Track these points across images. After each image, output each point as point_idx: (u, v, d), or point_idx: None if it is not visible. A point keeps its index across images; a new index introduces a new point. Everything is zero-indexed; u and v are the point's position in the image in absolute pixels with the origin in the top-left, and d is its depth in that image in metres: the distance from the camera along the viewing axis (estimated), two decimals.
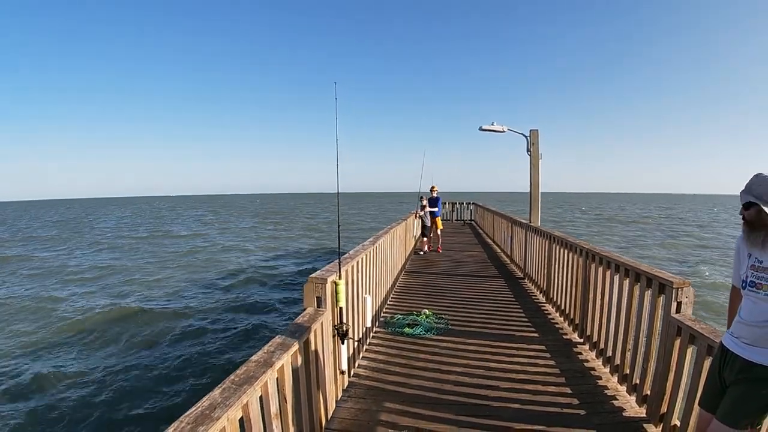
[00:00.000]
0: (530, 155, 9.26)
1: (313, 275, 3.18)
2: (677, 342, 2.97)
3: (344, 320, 3.25)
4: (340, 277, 3.24)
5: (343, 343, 3.31)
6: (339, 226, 3.77)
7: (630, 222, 44.61)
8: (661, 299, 3.25)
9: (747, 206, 1.94)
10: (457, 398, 3.57)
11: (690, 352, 2.86)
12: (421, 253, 11.58)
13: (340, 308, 3.22)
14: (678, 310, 3.07)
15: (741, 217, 1.98)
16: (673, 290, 3.07)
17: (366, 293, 4.50)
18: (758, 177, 1.91)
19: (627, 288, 3.78)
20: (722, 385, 2.08)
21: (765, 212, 1.86)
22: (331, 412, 3.28)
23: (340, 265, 3.34)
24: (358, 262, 4.18)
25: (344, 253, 4.09)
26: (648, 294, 3.44)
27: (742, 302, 2.05)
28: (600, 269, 4.42)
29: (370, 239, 5.57)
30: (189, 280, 17.25)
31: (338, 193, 3.27)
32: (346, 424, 3.15)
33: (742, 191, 1.94)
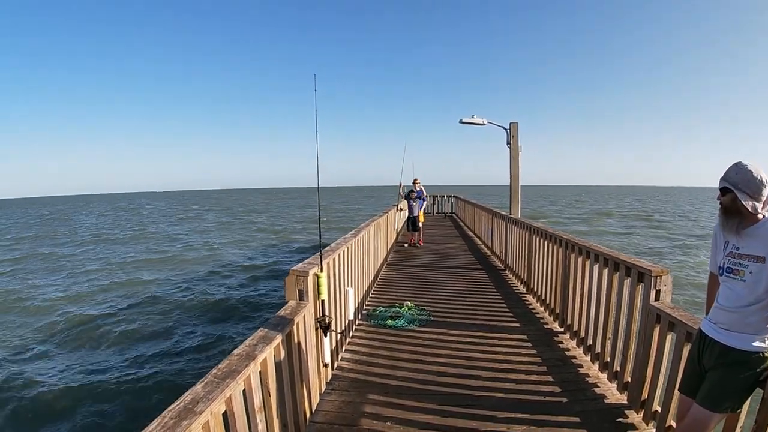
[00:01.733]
0: (510, 148, 9.33)
1: (294, 268, 3.16)
2: (656, 329, 3.01)
3: (326, 313, 3.24)
4: (321, 270, 3.22)
5: (325, 335, 3.29)
6: (320, 218, 3.75)
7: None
8: (640, 288, 3.30)
9: (723, 192, 1.97)
10: (440, 388, 3.58)
11: (669, 338, 2.91)
12: (406, 245, 11.65)
13: (322, 301, 3.20)
14: (657, 298, 3.12)
15: (719, 202, 2.01)
16: (652, 278, 3.12)
17: (348, 286, 4.49)
18: (737, 165, 1.94)
19: (606, 277, 3.84)
20: (701, 370, 2.11)
21: (740, 199, 1.89)
22: (316, 405, 3.27)
23: (321, 257, 3.32)
24: (339, 255, 4.17)
25: (326, 246, 4.07)
26: (627, 283, 3.49)
27: (720, 288, 2.10)
28: (580, 259, 4.48)
29: (352, 232, 5.56)
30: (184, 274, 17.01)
31: (318, 185, 3.26)
32: (331, 417, 3.14)
33: (721, 178, 1.98)
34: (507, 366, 4.00)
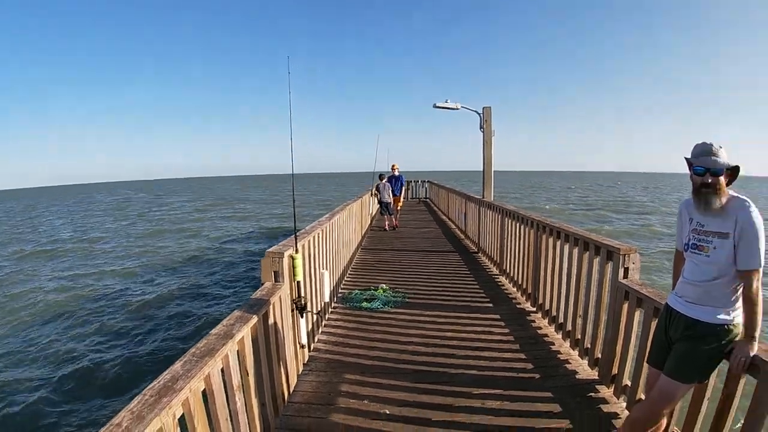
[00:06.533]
0: (483, 132, 9.40)
1: (270, 249, 3.16)
2: (625, 306, 3.11)
3: (302, 294, 3.26)
4: (296, 252, 3.22)
5: (302, 316, 3.30)
6: (294, 201, 3.73)
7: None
8: (609, 266, 3.39)
9: (695, 171, 2.02)
10: (415, 367, 3.64)
11: (638, 314, 3.01)
12: (386, 229, 11.75)
13: (298, 282, 3.22)
14: (625, 276, 3.21)
15: (691, 181, 2.06)
16: (620, 257, 3.21)
17: (323, 268, 4.50)
18: (705, 145, 1.99)
19: (576, 256, 3.94)
20: (669, 342, 2.20)
21: (712, 177, 1.95)
22: (294, 386, 3.29)
23: (296, 239, 3.32)
24: (314, 237, 4.16)
25: (301, 229, 4.07)
26: (596, 261, 3.59)
27: (686, 263, 2.17)
28: (551, 240, 4.58)
29: (327, 215, 5.58)
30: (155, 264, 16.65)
31: (293, 171, 3.26)
32: (309, 397, 3.16)
33: (699, 158, 2.01)
34: (480, 345, 4.08)
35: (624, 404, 3.04)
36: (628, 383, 3.04)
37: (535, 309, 5.05)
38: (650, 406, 2.19)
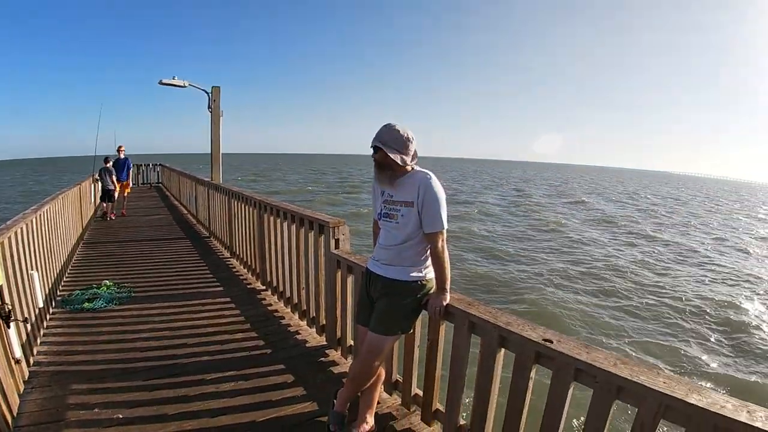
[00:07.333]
0: (211, 112, 9.12)
1: None
2: (339, 273, 3.47)
3: (5, 301, 2.71)
4: None
5: (8, 326, 2.74)
6: None
7: None
8: (322, 238, 3.72)
9: (376, 150, 2.25)
10: (146, 363, 3.42)
11: (350, 280, 3.38)
12: (110, 218, 10.52)
13: (0, 287, 2.66)
14: (337, 246, 3.57)
15: (373, 160, 2.29)
16: (330, 229, 3.56)
17: (32, 269, 3.79)
18: (386, 126, 2.24)
19: (294, 232, 4.21)
20: (371, 302, 2.47)
21: (390, 156, 2.19)
22: (17, 409, 2.73)
23: None
24: (17, 233, 3.45)
25: (2, 223, 3.44)
26: (312, 235, 3.90)
27: (381, 231, 2.48)
28: (272, 218, 4.78)
29: (33, 207, 4.68)
30: None
31: None
32: (36, 417, 2.67)
33: (373, 138, 2.25)
34: (211, 329, 4.05)
35: (351, 362, 3.35)
36: (352, 343, 3.40)
37: (264, 287, 5.23)
38: (363, 361, 2.40)
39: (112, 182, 10.60)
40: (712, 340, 9.26)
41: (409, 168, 2.29)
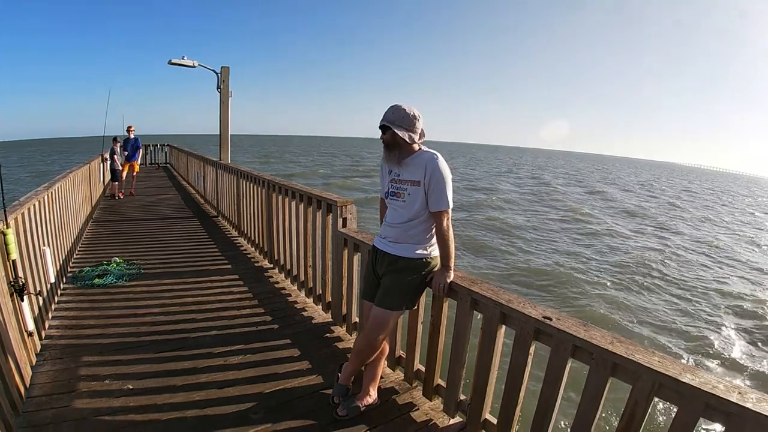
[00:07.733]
0: (220, 92, 9.10)
1: None
2: (345, 252, 3.52)
3: (19, 274, 2.79)
4: (7, 226, 2.73)
5: (22, 300, 2.83)
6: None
7: None
8: (330, 217, 3.77)
9: (384, 130, 2.30)
10: (156, 337, 3.51)
11: (356, 258, 3.44)
12: (118, 197, 10.61)
13: (14, 261, 2.74)
14: (344, 225, 3.62)
15: (382, 141, 2.34)
16: (338, 208, 3.60)
17: (44, 245, 3.88)
18: (393, 107, 2.29)
19: (302, 211, 4.26)
20: (377, 278, 2.53)
21: (398, 134, 2.23)
22: (29, 380, 2.83)
23: (6, 212, 2.79)
24: (30, 210, 3.53)
25: (15, 200, 3.47)
26: (319, 214, 3.96)
27: (387, 209, 2.51)
28: (281, 198, 4.83)
29: (45, 184, 4.76)
30: None
31: None
32: (48, 388, 2.77)
33: (381, 119, 2.30)
34: (220, 305, 4.13)
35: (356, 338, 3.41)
36: (357, 320, 3.47)
37: (272, 265, 5.30)
38: (368, 334, 2.46)
39: (119, 162, 10.71)
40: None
41: (416, 146, 2.33)
